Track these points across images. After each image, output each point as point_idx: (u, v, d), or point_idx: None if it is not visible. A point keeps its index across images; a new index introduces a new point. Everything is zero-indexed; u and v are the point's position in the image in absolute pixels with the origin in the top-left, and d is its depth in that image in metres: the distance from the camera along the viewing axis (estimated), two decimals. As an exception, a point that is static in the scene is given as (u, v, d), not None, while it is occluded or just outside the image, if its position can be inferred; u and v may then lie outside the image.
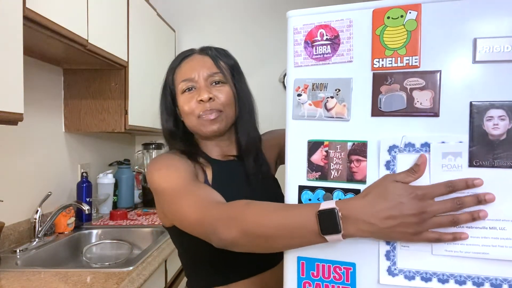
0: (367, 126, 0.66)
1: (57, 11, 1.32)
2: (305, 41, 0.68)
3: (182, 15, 2.95)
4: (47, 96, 1.87)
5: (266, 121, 3.18)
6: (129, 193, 2.39)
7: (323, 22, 0.67)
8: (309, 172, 0.69)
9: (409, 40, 0.63)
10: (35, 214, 1.66)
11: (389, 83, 0.64)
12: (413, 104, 0.63)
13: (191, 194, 0.80)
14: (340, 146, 0.66)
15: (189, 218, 0.77)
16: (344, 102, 0.66)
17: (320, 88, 0.67)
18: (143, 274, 1.32)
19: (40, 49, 1.62)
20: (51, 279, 1.23)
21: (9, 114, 1.09)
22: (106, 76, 1.97)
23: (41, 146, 1.81)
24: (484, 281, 0.61)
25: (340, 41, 0.66)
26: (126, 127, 1.98)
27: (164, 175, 0.85)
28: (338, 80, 0.66)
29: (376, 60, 0.65)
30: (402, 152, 0.63)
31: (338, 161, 0.66)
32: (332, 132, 0.68)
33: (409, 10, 0.62)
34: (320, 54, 0.67)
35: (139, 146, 2.85)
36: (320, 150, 0.68)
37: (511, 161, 0.59)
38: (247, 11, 2.96)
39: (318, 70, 0.68)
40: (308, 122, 0.69)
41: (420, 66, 0.62)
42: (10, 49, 1.10)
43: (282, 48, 2.88)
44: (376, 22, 0.64)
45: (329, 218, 0.59)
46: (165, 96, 0.99)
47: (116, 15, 1.84)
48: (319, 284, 0.67)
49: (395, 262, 0.64)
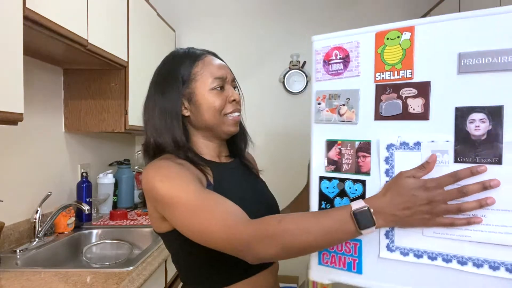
0: (371, 128, 0.79)
1: (57, 11, 1.32)
2: (323, 60, 0.84)
3: (182, 15, 2.95)
4: (47, 96, 1.87)
5: (266, 121, 3.18)
6: (129, 193, 2.39)
7: (337, 44, 0.82)
8: (326, 165, 0.84)
9: (404, 56, 0.75)
10: (35, 214, 1.66)
11: (388, 93, 0.77)
12: (408, 110, 0.75)
13: (211, 208, 0.79)
14: (350, 144, 0.81)
15: (215, 235, 0.77)
16: (353, 108, 0.81)
17: (334, 97, 0.83)
18: (143, 274, 1.32)
19: (40, 49, 1.62)
20: (51, 279, 1.23)
21: (9, 114, 1.09)
22: (106, 76, 1.97)
23: (41, 146, 1.81)
24: (467, 261, 0.71)
25: (350, 59, 0.81)
26: (126, 127, 1.98)
27: (174, 186, 0.82)
28: (348, 91, 0.81)
29: (378, 74, 0.78)
30: (398, 149, 0.75)
31: (349, 157, 0.81)
32: (344, 133, 0.82)
33: (404, 32, 0.75)
34: (334, 70, 0.83)
35: (139, 146, 2.85)
36: (335, 148, 0.83)
37: (490, 158, 0.68)
38: (247, 11, 2.96)
39: (333, 83, 0.83)
40: (326, 125, 0.84)
41: (413, 77, 0.75)
42: (10, 49, 1.10)
43: (282, 48, 2.89)
44: (377, 43, 0.78)
45: (365, 216, 0.69)
46: (174, 87, 0.93)
47: (116, 15, 1.84)
48: (334, 255, 0.83)
49: (393, 240, 0.77)
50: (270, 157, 2.91)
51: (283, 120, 2.95)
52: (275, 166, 2.93)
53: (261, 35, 2.95)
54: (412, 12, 2.87)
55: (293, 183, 2.90)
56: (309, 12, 2.94)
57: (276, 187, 1.37)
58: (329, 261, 0.83)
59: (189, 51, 0.99)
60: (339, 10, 2.93)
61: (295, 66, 2.90)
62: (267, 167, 1.21)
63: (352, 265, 0.81)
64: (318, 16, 2.94)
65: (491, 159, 0.68)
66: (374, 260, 0.79)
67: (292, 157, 2.96)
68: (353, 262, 0.80)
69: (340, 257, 0.82)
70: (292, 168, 2.96)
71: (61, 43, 1.44)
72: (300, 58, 2.91)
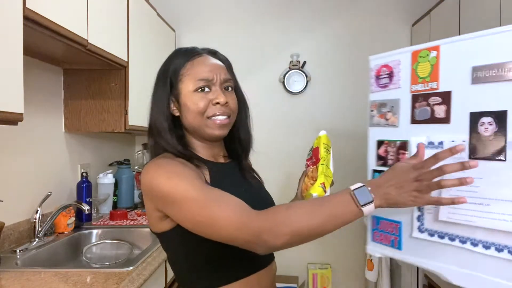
0: (408, 130, 0.96)
1: (57, 11, 1.32)
2: (375, 75, 1.04)
3: (182, 15, 2.95)
4: (47, 96, 1.87)
5: (266, 121, 3.18)
6: (129, 193, 2.39)
7: (384, 63, 1.01)
8: (376, 160, 1.04)
9: (432, 71, 0.92)
10: (35, 214, 1.66)
11: (420, 101, 0.94)
12: (434, 115, 0.91)
13: (220, 202, 0.80)
14: (393, 144, 1.00)
15: (225, 227, 0.78)
16: (396, 114, 0.99)
17: (382, 106, 1.01)
18: (143, 274, 1.32)
19: (40, 49, 1.62)
20: (51, 279, 1.23)
21: (9, 114, 1.09)
22: (106, 76, 1.97)
23: (41, 146, 1.81)
24: (478, 243, 0.85)
25: (393, 74, 0.99)
26: (126, 127, 1.98)
27: (182, 181, 0.82)
28: (392, 100, 1.00)
29: (413, 85, 0.95)
30: (426, 148, 0.90)
31: (392, 154, 0.99)
32: (389, 134, 1.01)
33: (432, 50, 0.92)
34: (382, 84, 1.02)
35: (139, 146, 2.85)
36: (383, 146, 1.01)
37: (497, 156, 0.81)
38: (247, 11, 2.96)
39: (381, 94, 1.02)
40: (376, 128, 1.03)
41: (438, 88, 0.91)
42: (10, 49, 1.10)
43: (282, 48, 2.89)
44: (413, 60, 0.95)
45: (363, 193, 0.76)
46: (164, 87, 0.96)
47: (116, 15, 1.84)
48: (382, 233, 1.01)
49: (423, 223, 0.92)
50: (270, 157, 2.91)
51: (283, 120, 2.95)
52: (274, 166, 2.93)
53: (261, 35, 2.95)
54: (412, 12, 2.87)
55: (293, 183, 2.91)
56: (309, 12, 2.94)
57: (276, 187, 1.37)
58: (379, 239, 1.01)
59: (186, 50, 0.99)
60: (339, 10, 2.93)
61: (295, 66, 2.90)
62: (267, 167, 1.21)
63: (394, 242, 0.98)
64: (318, 16, 2.94)
65: (497, 156, 0.81)
66: (410, 239, 0.95)
67: (292, 157, 2.96)
68: (395, 239, 0.98)
69: (386, 235, 0.99)
70: (292, 168, 2.96)
71: (61, 43, 1.44)
72: (300, 58, 2.91)
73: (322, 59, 2.94)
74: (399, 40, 2.92)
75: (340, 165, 3.01)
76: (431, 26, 2.50)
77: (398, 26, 2.92)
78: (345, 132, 2.95)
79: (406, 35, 2.91)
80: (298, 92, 2.93)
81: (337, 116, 2.95)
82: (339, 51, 2.94)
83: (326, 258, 2.92)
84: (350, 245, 2.91)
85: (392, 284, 2.12)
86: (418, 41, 2.77)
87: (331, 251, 2.91)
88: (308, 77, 2.90)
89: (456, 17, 2.13)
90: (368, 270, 2.24)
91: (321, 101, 2.95)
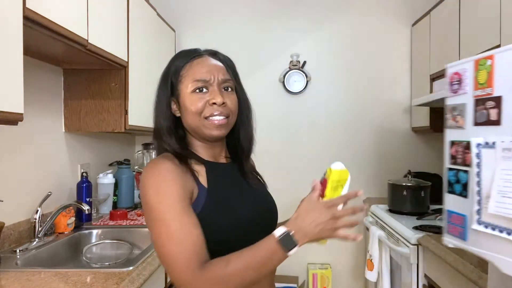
0: (471, 131, 1.06)
1: (57, 11, 1.32)
2: (449, 82, 1.14)
3: (182, 15, 2.95)
4: (47, 96, 1.87)
5: (266, 120, 3.18)
6: (129, 193, 2.39)
7: (455, 70, 1.12)
8: (449, 159, 1.14)
9: (488, 78, 1.01)
10: (35, 214, 1.66)
11: (479, 105, 1.03)
12: (489, 118, 1.00)
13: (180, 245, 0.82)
14: (460, 144, 1.09)
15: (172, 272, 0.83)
16: (463, 117, 1.09)
17: (454, 109, 1.12)
18: (143, 274, 1.32)
19: (40, 49, 1.62)
20: (51, 279, 1.23)
21: (9, 114, 1.09)
22: (106, 76, 1.97)
23: (41, 146, 1.81)
24: None
25: (462, 81, 1.10)
26: (126, 127, 1.98)
27: (164, 201, 0.85)
28: (460, 105, 1.10)
29: (475, 91, 1.05)
30: (483, 148, 1.00)
31: (460, 153, 1.09)
32: (458, 135, 1.11)
33: (488, 59, 1.02)
34: (454, 89, 1.13)
35: (139, 146, 2.85)
36: (454, 146, 1.12)
37: None
38: (247, 11, 2.96)
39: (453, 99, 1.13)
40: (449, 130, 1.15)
41: (493, 93, 1.00)
42: (10, 49, 1.10)
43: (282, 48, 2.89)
44: (475, 68, 1.05)
45: (288, 240, 0.81)
46: (165, 88, 0.98)
47: (116, 15, 1.84)
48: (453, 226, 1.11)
49: (480, 216, 1.01)
50: (270, 157, 2.91)
51: (283, 120, 2.95)
52: (274, 166, 2.93)
53: (261, 35, 2.95)
54: (412, 12, 2.87)
55: (293, 183, 2.91)
56: (310, 12, 2.94)
57: (276, 187, 1.37)
58: (452, 231, 1.12)
59: (188, 52, 1.00)
60: (339, 9, 2.93)
61: (295, 66, 2.90)
62: (267, 167, 1.21)
63: (461, 234, 1.08)
64: (318, 15, 2.94)
65: None
66: (472, 231, 1.04)
67: (292, 157, 2.96)
68: (461, 231, 1.08)
69: (455, 227, 1.10)
70: (292, 168, 2.96)
71: (61, 43, 1.44)
72: (300, 58, 2.91)
73: (322, 59, 2.94)
74: (399, 40, 2.92)
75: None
76: (431, 26, 2.50)
77: (398, 26, 2.92)
78: (345, 132, 2.95)
79: (406, 35, 2.92)
80: (298, 92, 2.93)
81: (337, 116, 2.95)
82: (339, 51, 2.94)
83: (326, 258, 2.92)
84: (350, 245, 2.91)
85: (392, 284, 2.12)
86: (418, 41, 2.77)
87: (331, 251, 2.91)
88: (308, 77, 2.90)
89: (456, 17, 2.13)
90: (368, 270, 2.24)
91: (321, 101, 2.95)
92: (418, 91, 2.74)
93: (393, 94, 2.94)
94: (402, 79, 2.93)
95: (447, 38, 2.24)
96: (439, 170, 2.83)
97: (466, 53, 2.00)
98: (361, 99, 2.94)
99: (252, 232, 0.91)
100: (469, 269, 1.37)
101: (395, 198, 2.41)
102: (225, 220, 0.91)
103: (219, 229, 0.89)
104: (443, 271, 1.63)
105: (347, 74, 2.94)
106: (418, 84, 2.76)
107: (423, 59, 2.66)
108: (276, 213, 1.05)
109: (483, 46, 1.82)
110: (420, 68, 2.73)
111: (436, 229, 1.89)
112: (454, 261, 1.47)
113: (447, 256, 1.52)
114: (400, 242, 1.96)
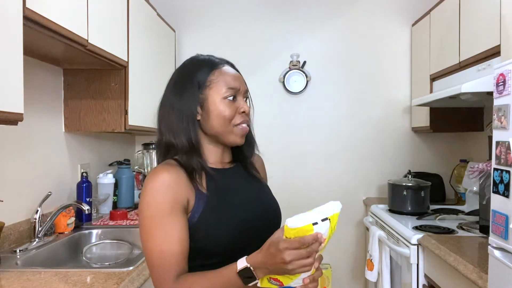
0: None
1: (57, 11, 1.32)
2: (496, 83, 1.18)
3: (182, 15, 2.95)
4: (47, 96, 1.87)
5: (266, 120, 3.17)
6: (129, 193, 2.39)
7: (501, 72, 1.15)
8: (494, 160, 1.17)
9: None
10: (35, 214, 1.66)
11: None
12: None
13: (158, 248, 0.87)
14: (504, 144, 1.12)
15: (149, 266, 0.90)
16: (506, 118, 1.11)
17: (499, 110, 1.15)
18: (143, 274, 1.32)
19: (40, 49, 1.62)
20: (51, 279, 1.23)
21: (9, 114, 1.09)
22: (106, 76, 1.97)
23: (41, 146, 1.81)
24: None
25: (506, 82, 1.13)
26: (126, 127, 1.98)
27: (155, 216, 0.88)
28: (504, 105, 1.13)
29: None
30: None
31: (503, 153, 1.12)
32: (503, 136, 1.13)
33: None
34: (499, 90, 1.16)
35: (139, 146, 2.85)
36: (499, 147, 1.15)
37: None
38: (247, 11, 2.96)
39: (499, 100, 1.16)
40: (495, 130, 1.17)
41: None
42: (10, 49, 1.10)
43: (282, 48, 2.88)
44: None
45: (247, 273, 0.82)
46: (193, 91, 0.97)
47: (116, 15, 1.84)
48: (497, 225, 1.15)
49: None
50: (270, 157, 2.91)
51: (283, 120, 2.95)
52: (274, 166, 2.93)
53: (261, 35, 2.95)
54: (412, 12, 2.87)
55: (293, 183, 2.91)
56: (310, 12, 2.94)
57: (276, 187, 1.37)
58: (495, 230, 1.15)
59: (209, 58, 1.02)
60: (339, 10, 2.93)
61: (295, 66, 2.90)
62: (266, 167, 1.21)
63: (503, 233, 1.11)
64: (318, 16, 2.94)
65: None
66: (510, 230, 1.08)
67: (291, 157, 2.96)
68: (503, 230, 1.11)
69: (498, 227, 1.14)
70: (292, 167, 2.96)
71: (61, 43, 1.44)
72: (300, 58, 2.91)
73: (322, 59, 2.94)
74: (399, 40, 2.92)
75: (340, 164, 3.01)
76: (431, 26, 2.50)
77: (398, 26, 2.92)
78: (345, 132, 2.95)
79: (406, 35, 2.92)
80: (298, 92, 2.93)
81: (337, 116, 2.95)
82: (339, 51, 2.94)
83: (326, 258, 2.92)
84: (350, 245, 2.92)
85: (392, 284, 2.12)
86: (418, 41, 2.77)
87: (331, 251, 2.91)
88: (308, 77, 2.90)
89: (456, 17, 2.13)
90: (368, 270, 2.25)
91: (321, 101, 2.95)
92: (418, 91, 2.74)
93: (393, 94, 2.94)
94: (402, 79, 2.93)
95: (447, 38, 2.24)
96: (439, 170, 2.84)
97: (466, 53, 2.00)
98: (361, 99, 2.94)
99: (253, 234, 0.93)
100: (469, 269, 1.37)
101: (395, 198, 2.41)
102: (223, 225, 0.92)
103: (218, 234, 0.90)
104: (443, 271, 1.63)
105: (347, 74, 2.94)
106: (418, 84, 2.76)
107: (423, 59, 2.66)
108: (278, 213, 1.06)
109: (483, 46, 1.82)
110: (420, 68, 2.73)
111: (436, 229, 1.89)
112: (454, 261, 1.47)
113: (447, 256, 1.52)
114: (400, 242, 1.96)
